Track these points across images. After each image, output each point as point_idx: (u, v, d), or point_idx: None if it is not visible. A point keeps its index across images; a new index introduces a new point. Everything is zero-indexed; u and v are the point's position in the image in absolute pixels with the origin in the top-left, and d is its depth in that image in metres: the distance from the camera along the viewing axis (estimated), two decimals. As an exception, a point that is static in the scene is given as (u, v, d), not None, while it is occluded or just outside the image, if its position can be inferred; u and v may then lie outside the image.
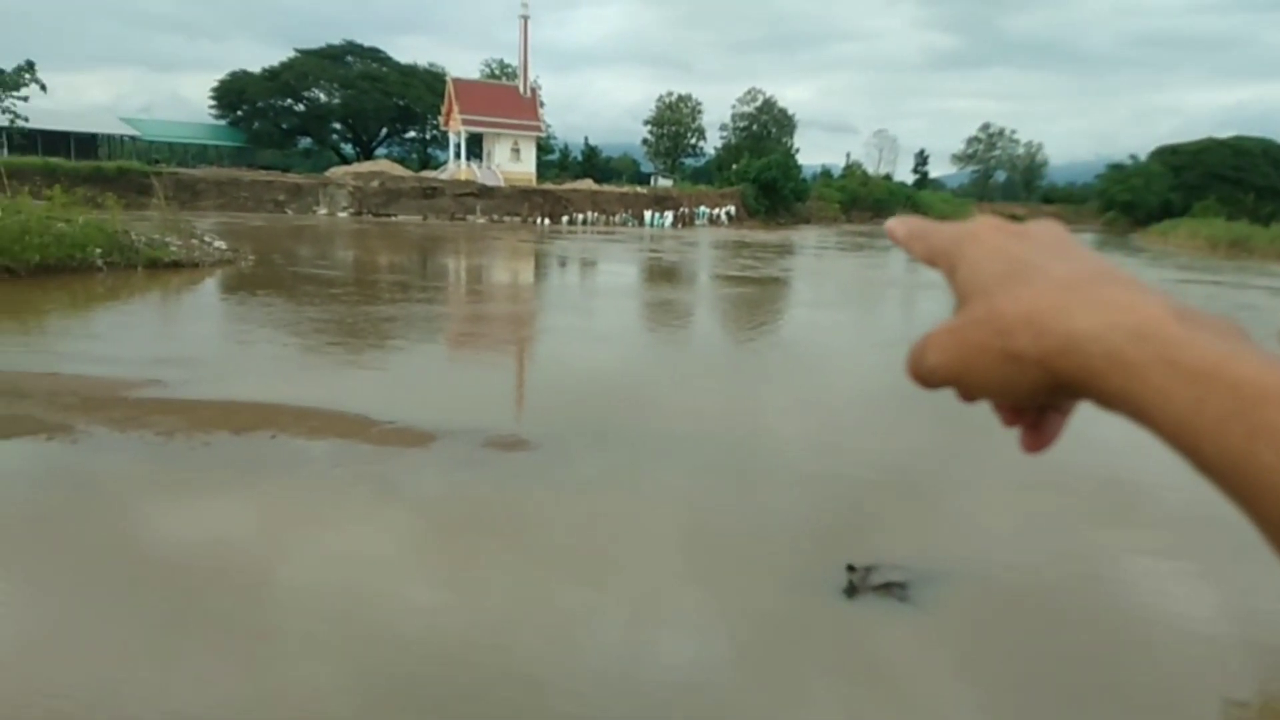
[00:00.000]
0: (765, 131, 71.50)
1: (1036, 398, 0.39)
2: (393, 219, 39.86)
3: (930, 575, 4.62)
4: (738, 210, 48.44)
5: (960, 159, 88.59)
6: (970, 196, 79.46)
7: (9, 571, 4.44)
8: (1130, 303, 0.36)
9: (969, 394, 0.41)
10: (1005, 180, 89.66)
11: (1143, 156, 74.46)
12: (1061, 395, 0.38)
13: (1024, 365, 0.38)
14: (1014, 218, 0.44)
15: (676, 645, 4.00)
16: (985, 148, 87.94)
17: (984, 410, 0.41)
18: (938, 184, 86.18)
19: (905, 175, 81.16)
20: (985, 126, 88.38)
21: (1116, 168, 73.32)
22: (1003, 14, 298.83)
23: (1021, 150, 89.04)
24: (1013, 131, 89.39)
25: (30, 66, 48.14)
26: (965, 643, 4.15)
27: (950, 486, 6.29)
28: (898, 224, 0.48)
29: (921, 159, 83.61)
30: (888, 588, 4.46)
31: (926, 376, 0.42)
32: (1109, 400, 0.36)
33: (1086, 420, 0.47)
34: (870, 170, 72.72)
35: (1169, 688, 3.90)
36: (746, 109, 73.43)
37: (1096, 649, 4.12)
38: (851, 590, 4.43)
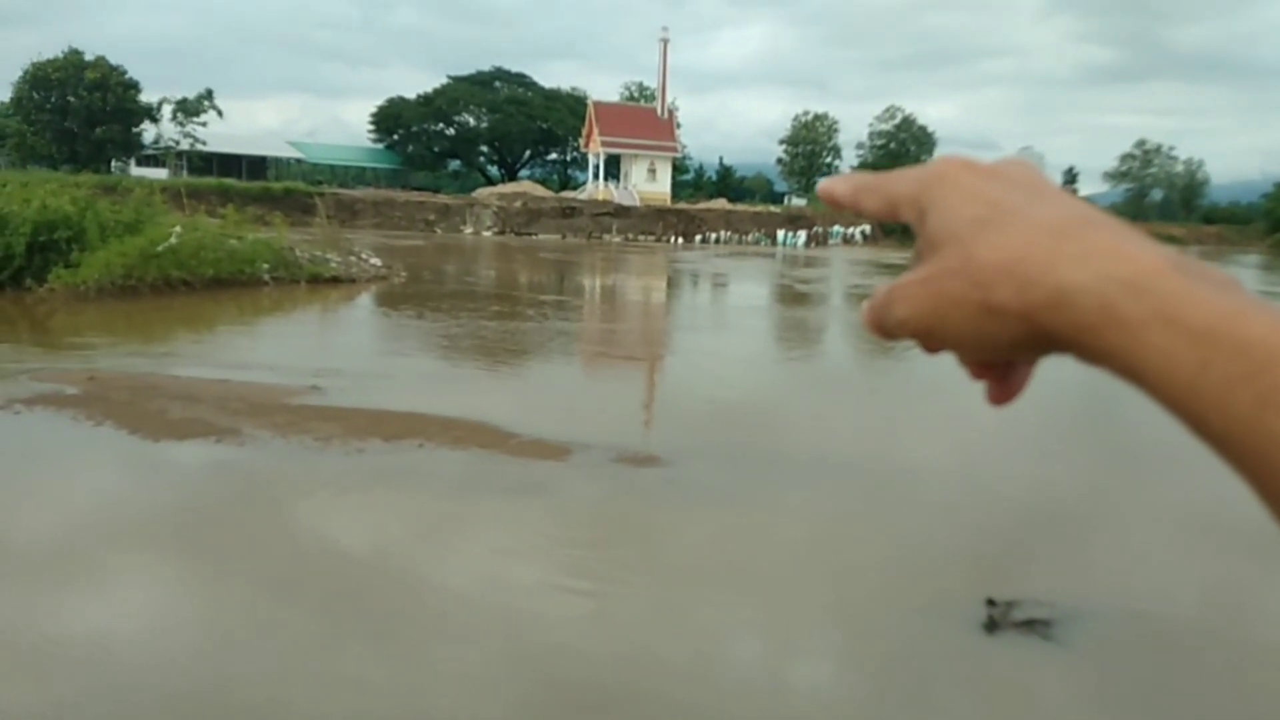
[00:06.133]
0: (904, 149, 69.95)
1: (1015, 353, 0.36)
2: (533, 237, 41.16)
3: (1077, 614, 4.39)
4: (873, 230, 47.53)
5: (1113, 176, 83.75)
6: (1123, 215, 74.67)
7: (183, 561, 4.83)
8: (1124, 251, 0.33)
9: (937, 347, 0.38)
10: (1162, 199, 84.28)
11: (1317, 176, 68.36)
12: (1044, 351, 0.35)
13: (1005, 319, 0.34)
14: (1171, 239, 0.43)
15: (806, 673, 3.96)
16: (1141, 165, 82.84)
17: (1139, 441, 0.40)
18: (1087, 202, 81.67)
19: (1052, 194, 77.40)
20: (1141, 143, 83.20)
21: None
22: (1167, 26, 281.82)
23: (1180, 168, 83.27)
24: (1171, 148, 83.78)
25: (209, 94, 52.36)
26: (1112, 687, 3.94)
27: (1101, 521, 5.97)
28: (836, 182, 0.43)
29: (1069, 176, 79.68)
30: (1030, 624, 4.28)
31: (893, 329, 0.39)
32: (1100, 358, 0.33)
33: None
34: (1015, 188, 69.93)
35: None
36: (884, 127, 72.10)
37: (1256, 706, 3.83)
38: (991, 625, 4.27)
